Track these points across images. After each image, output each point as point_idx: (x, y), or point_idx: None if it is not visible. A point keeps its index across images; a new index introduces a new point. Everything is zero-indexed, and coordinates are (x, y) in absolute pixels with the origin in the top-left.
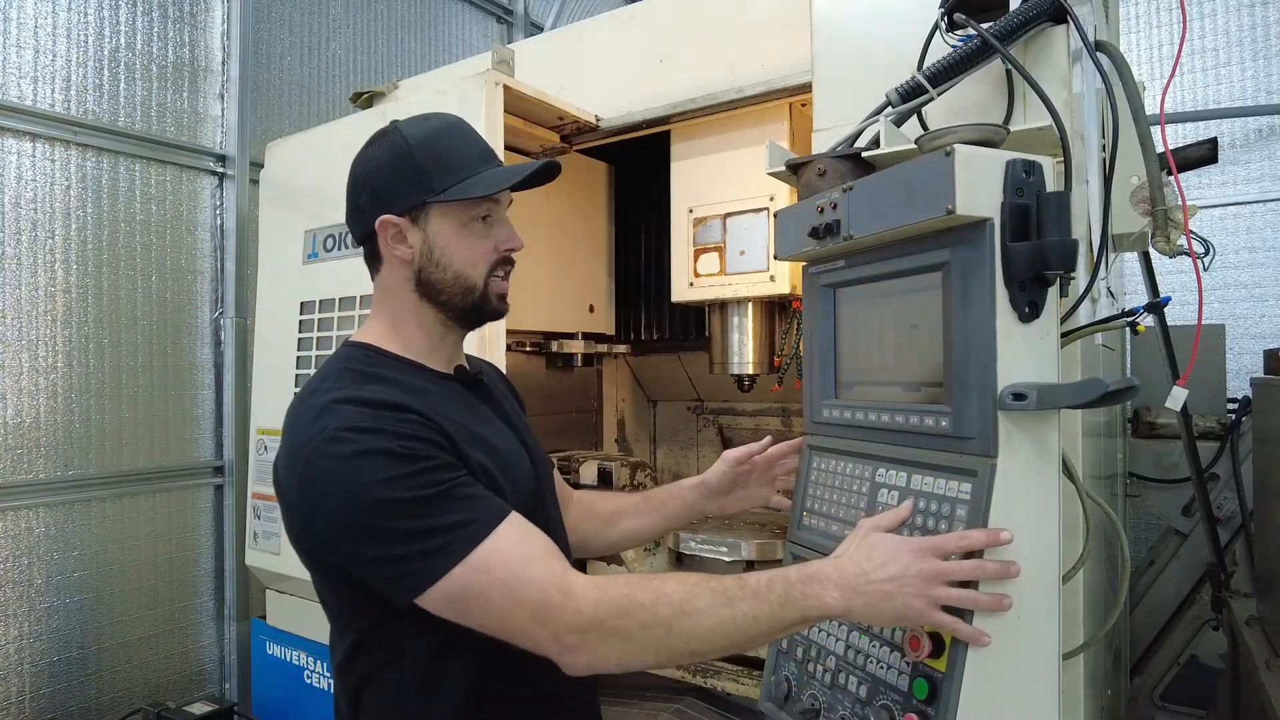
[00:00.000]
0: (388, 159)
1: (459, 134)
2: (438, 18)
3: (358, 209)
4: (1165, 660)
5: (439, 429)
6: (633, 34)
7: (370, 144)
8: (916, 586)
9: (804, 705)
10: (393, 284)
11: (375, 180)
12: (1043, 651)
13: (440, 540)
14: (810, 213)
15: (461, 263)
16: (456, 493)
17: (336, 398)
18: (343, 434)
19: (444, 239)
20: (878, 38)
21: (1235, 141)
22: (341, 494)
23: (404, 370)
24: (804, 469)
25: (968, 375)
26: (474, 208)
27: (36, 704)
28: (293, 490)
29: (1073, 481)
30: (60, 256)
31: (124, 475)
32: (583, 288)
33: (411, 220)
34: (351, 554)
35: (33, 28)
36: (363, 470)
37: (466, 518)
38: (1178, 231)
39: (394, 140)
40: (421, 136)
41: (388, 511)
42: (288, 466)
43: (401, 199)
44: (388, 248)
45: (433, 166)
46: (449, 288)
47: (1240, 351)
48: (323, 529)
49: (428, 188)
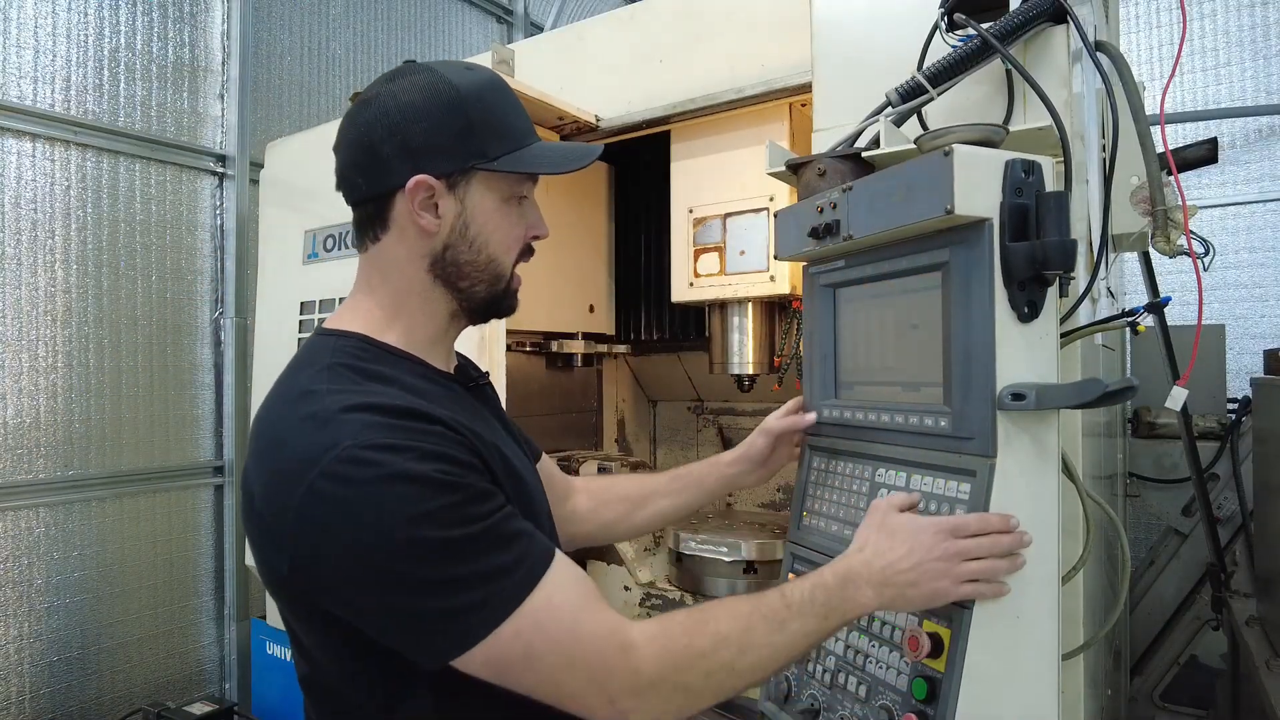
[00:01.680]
0: (430, 106)
1: (508, 96)
2: (438, 18)
3: (376, 160)
4: (1165, 660)
5: (470, 445)
6: (632, 34)
7: (395, 81)
8: (940, 568)
9: (804, 705)
10: (400, 258)
11: (409, 129)
12: (1042, 651)
13: (485, 591)
14: (810, 213)
15: (497, 245)
16: (502, 528)
17: (345, 404)
18: (363, 453)
19: (483, 215)
20: (877, 38)
21: (1235, 141)
22: (363, 532)
23: (405, 368)
24: (804, 469)
25: (967, 375)
26: (517, 186)
27: (36, 704)
28: (284, 522)
29: (1073, 481)
30: (60, 256)
31: (124, 475)
32: (583, 288)
33: (449, 186)
34: (370, 606)
35: (33, 28)
36: (391, 501)
37: (513, 560)
38: (1178, 231)
39: (437, 85)
40: (472, 87)
41: (423, 554)
42: (274, 491)
43: (444, 157)
44: (411, 213)
45: (485, 127)
46: (477, 272)
47: (1240, 351)
48: (331, 574)
49: (479, 150)
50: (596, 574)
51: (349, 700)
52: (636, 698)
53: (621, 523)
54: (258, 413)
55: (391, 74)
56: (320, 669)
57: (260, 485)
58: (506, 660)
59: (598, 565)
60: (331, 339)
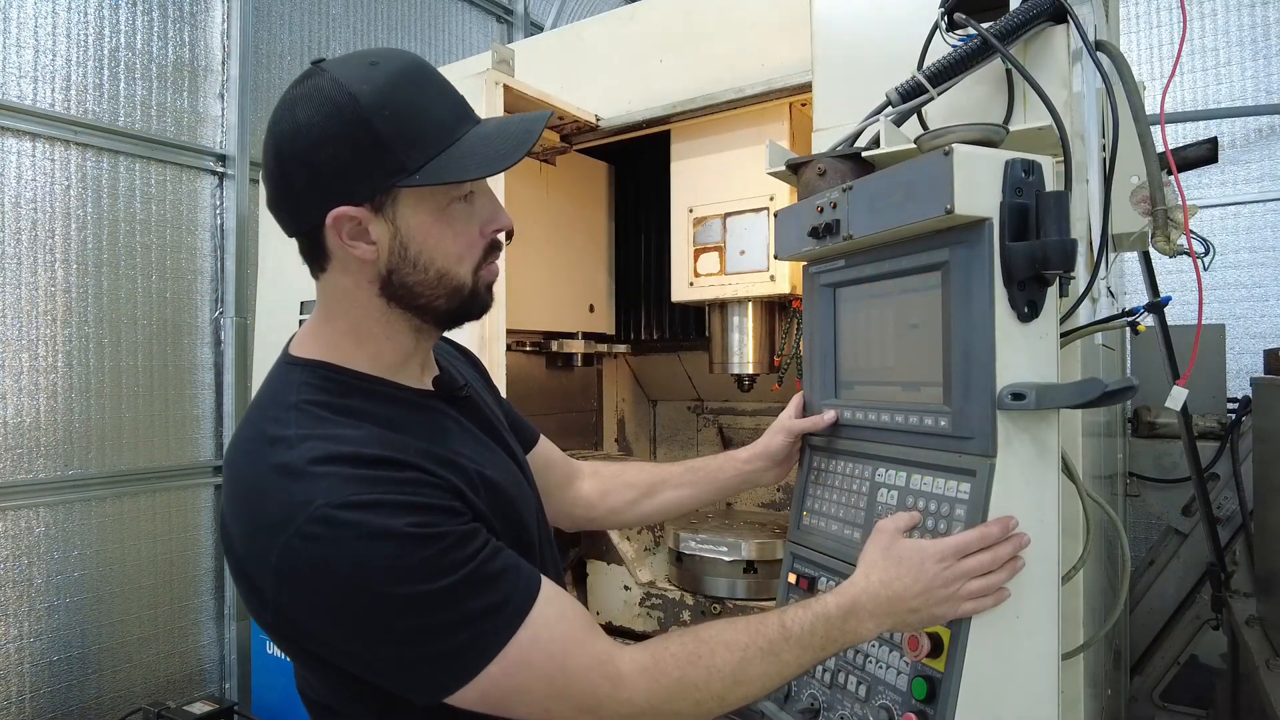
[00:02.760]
0: (331, 125)
1: (423, 83)
2: (438, 17)
3: (289, 193)
4: (1165, 660)
5: (447, 484)
6: (633, 33)
7: (297, 100)
8: (943, 594)
9: (804, 704)
10: (348, 288)
11: (315, 156)
12: (1042, 651)
13: (469, 634)
14: (810, 212)
15: (446, 258)
16: (485, 569)
17: (313, 456)
18: (335, 512)
19: (421, 231)
20: (878, 37)
21: (1235, 141)
22: (346, 591)
23: (378, 399)
24: (804, 468)
25: (967, 375)
26: (456, 188)
27: (36, 703)
28: (264, 574)
29: (1073, 481)
30: (60, 256)
31: (124, 475)
32: (583, 287)
33: (374, 209)
34: (355, 654)
35: (32, 27)
36: (370, 560)
37: (498, 600)
38: (1178, 231)
39: (336, 99)
40: (375, 94)
41: (405, 607)
42: (251, 544)
43: (358, 182)
44: (341, 246)
45: (398, 137)
46: (430, 290)
47: (1240, 351)
48: (315, 625)
49: (396, 167)
50: (596, 574)
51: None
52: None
53: (628, 510)
54: (229, 449)
55: (295, 82)
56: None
57: (237, 527)
58: (497, 695)
59: (598, 565)
60: (298, 371)
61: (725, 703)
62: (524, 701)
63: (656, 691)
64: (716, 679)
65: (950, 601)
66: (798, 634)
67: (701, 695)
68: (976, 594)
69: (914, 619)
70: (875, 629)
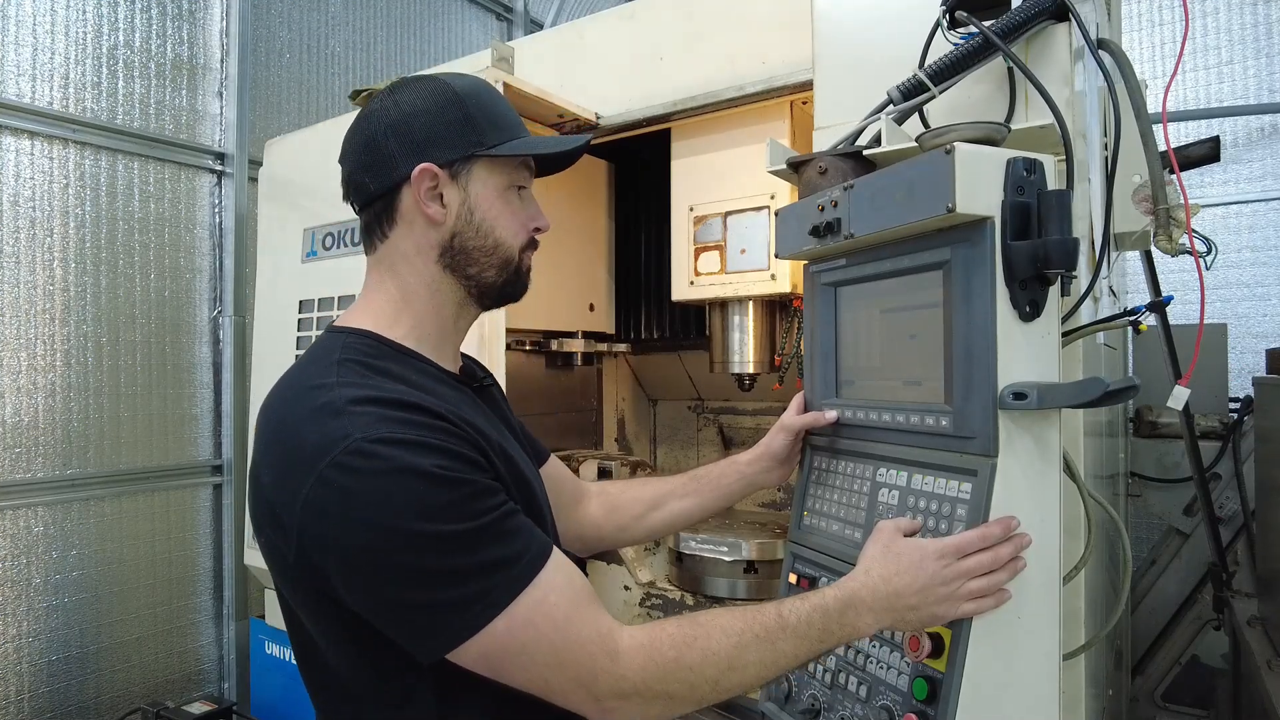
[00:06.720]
0: (429, 103)
1: (500, 96)
2: (437, 15)
3: (382, 158)
4: (1167, 660)
5: (474, 442)
6: (633, 31)
7: (393, 91)
8: (943, 593)
9: (804, 705)
10: (409, 251)
11: (411, 124)
12: (1043, 652)
13: (481, 584)
14: (811, 211)
15: (504, 230)
16: (503, 524)
17: (355, 397)
18: (371, 446)
19: (486, 201)
20: (879, 35)
21: (1237, 140)
22: (371, 523)
23: (412, 366)
24: (805, 469)
25: (968, 374)
26: (515, 175)
27: (35, 703)
28: (293, 509)
29: (1074, 481)
30: (59, 255)
31: (122, 474)
32: (583, 286)
33: (451, 175)
34: (371, 594)
35: (31, 25)
36: (397, 494)
37: (512, 554)
38: (1180, 230)
39: (434, 86)
40: (466, 86)
41: (424, 546)
42: (285, 479)
43: (445, 147)
44: (419, 203)
45: (482, 118)
46: (485, 257)
47: (1242, 351)
48: (335, 562)
49: (478, 139)
50: (596, 573)
51: (354, 689)
52: (621, 700)
53: (635, 525)
54: (266, 402)
55: (389, 87)
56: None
57: (270, 473)
58: (500, 654)
59: (597, 565)
60: (341, 336)
61: (719, 688)
62: (522, 665)
63: (651, 670)
64: (711, 663)
65: (950, 600)
66: (794, 624)
67: (695, 678)
68: (977, 594)
69: (913, 617)
70: (874, 624)
